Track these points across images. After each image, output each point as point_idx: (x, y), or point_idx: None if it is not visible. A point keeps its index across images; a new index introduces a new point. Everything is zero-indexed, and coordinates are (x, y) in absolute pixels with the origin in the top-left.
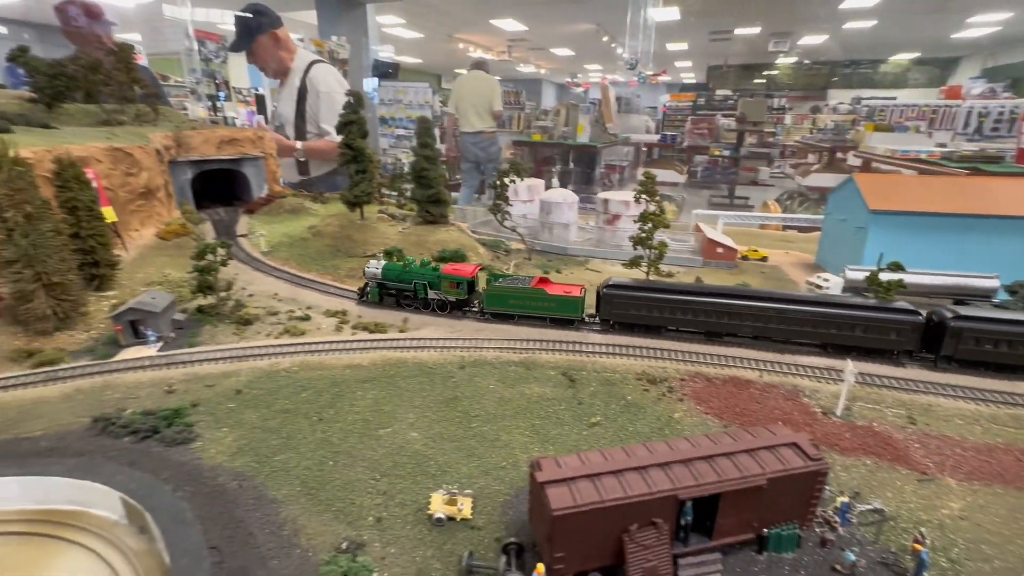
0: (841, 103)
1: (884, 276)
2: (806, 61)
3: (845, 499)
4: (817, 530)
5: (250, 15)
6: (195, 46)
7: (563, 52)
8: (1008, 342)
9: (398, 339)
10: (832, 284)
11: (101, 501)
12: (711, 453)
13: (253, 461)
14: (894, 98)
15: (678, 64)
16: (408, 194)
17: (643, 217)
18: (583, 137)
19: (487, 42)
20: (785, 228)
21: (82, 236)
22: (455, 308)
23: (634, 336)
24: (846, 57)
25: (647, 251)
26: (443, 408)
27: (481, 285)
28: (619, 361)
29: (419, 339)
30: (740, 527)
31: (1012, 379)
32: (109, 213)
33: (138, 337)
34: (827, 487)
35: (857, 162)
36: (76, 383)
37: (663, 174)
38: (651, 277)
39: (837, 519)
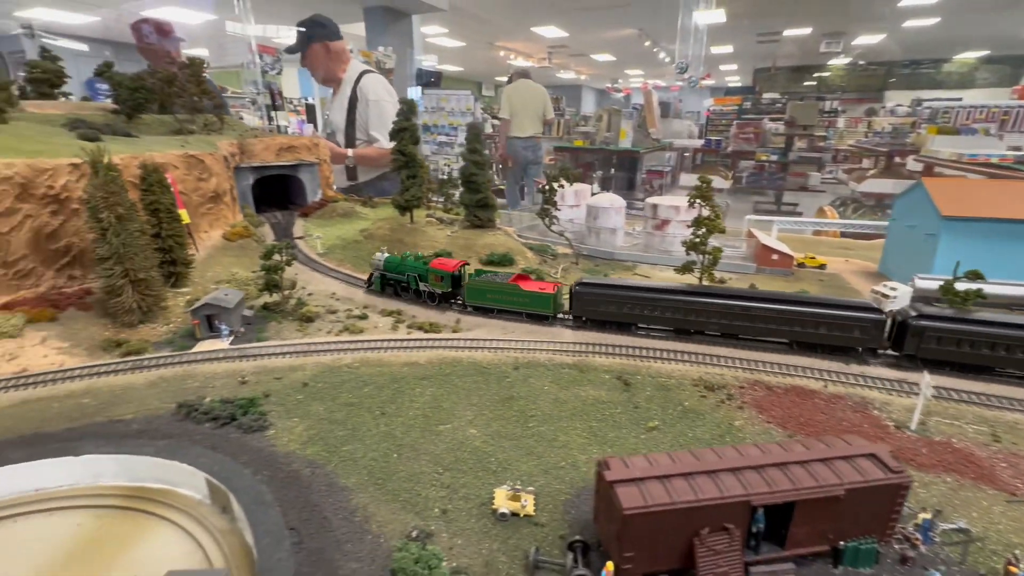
0: (899, 105)
1: (960, 286)
2: (861, 62)
3: (927, 516)
4: (896, 547)
5: (305, 27)
6: (257, 59)
7: (604, 58)
8: (970, 342)
9: (452, 339)
10: (900, 293)
11: (187, 481)
12: (784, 460)
13: (323, 450)
14: (959, 99)
15: (723, 67)
16: (455, 199)
17: (697, 222)
18: (625, 142)
19: (527, 49)
20: (843, 235)
21: (162, 236)
22: (443, 300)
23: (605, 333)
24: (905, 57)
25: (700, 256)
26: (500, 407)
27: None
28: (674, 367)
29: (472, 339)
30: (814, 538)
31: (976, 379)
32: (184, 215)
33: (212, 331)
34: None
35: (918, 167)
36: (160, 372)
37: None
38: (704, 282)
39: (919, 536)
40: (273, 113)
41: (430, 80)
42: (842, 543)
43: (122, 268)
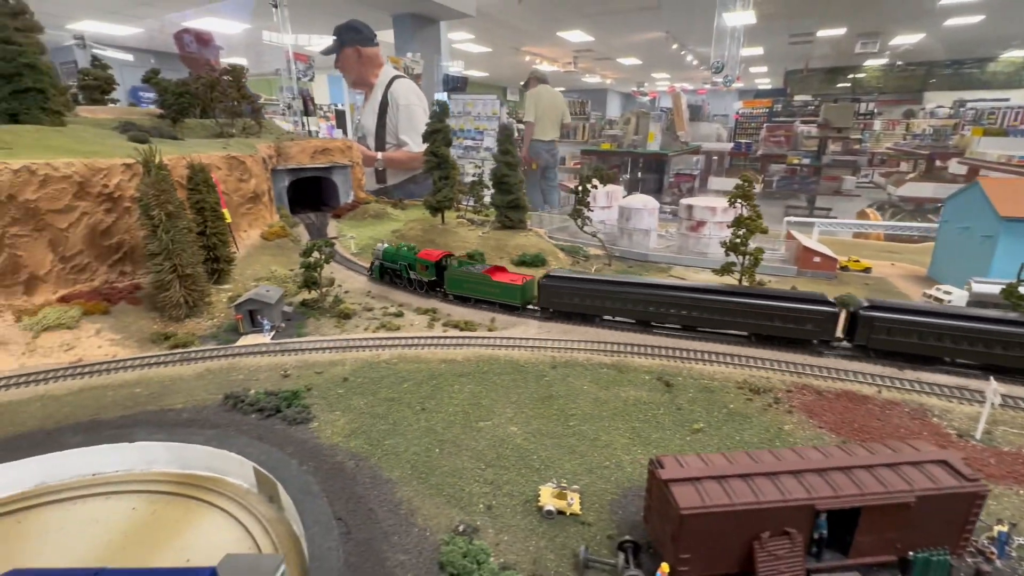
0: (940, 107)
1: None
2: (899, 62)
3: (1003, 528)
4: (970, 560)
5: (339, 32)
6: (293, 67)
7: (630, 61)
8: (918, 333)
9: (488, 337)
10: (955, 297)
11: (236, 470)
12: (848, 464)
13: (365, 443)
14: (1007, 99)
15: (753, 70)
16: (485, 200)
17: (738, 222)
18: (653, 145)
19: (553, 54)
20: (886, 238)
21: (207, 234)
22: (429, 288)
23: (572, 324)
24: (947, 57)
25: (740, 258)
26: (539, 405)
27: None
28: (716, 368)
29: (508, 338)
30: (881, 547)
31: (923, 369)
32: (226, 214)
33: (255, 326)
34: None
35: (962, 170)
36: (206, 364)
37: (732, 183)
38: (744, 283)
39: (994, 550)
40: (304, 118)
41: (456, 85)
42: (911, 553)
43: (171, 263)
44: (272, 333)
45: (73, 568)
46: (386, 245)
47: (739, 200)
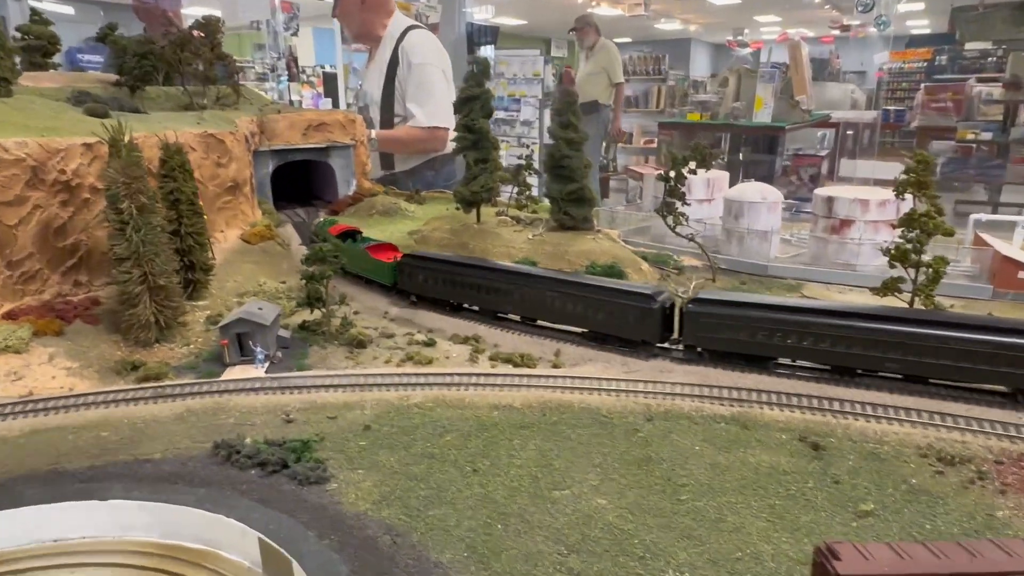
0: None
1: None
2: None
3: None
4: None
5: None
6: (280, 18)
7: (723, 0)
8: (749, 329)
9: (553, 376)
10: None
11: (235, 543)
12: None
13: (403, 513)
14: None
15: (903, 8)
16: (531, 192)
17: (909, 220)
18: (762, 114)
19: None
20: None
21: (181, 234)
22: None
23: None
24: None
25: (913, 271)
26: (634, 471)
27: None
28: (885, 427)
29: (583, 378)
30: None
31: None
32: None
33: (244, 355)
34: None
35: None
36: (186, 402)
37: (882, 168)
38: (920, 307)
39: None
40: (286, 84)
41: (484, 39)
42: None
43: (140, 272)
44: (266, 364)
45: None
46: (321, 219)
47: (911, 190)
